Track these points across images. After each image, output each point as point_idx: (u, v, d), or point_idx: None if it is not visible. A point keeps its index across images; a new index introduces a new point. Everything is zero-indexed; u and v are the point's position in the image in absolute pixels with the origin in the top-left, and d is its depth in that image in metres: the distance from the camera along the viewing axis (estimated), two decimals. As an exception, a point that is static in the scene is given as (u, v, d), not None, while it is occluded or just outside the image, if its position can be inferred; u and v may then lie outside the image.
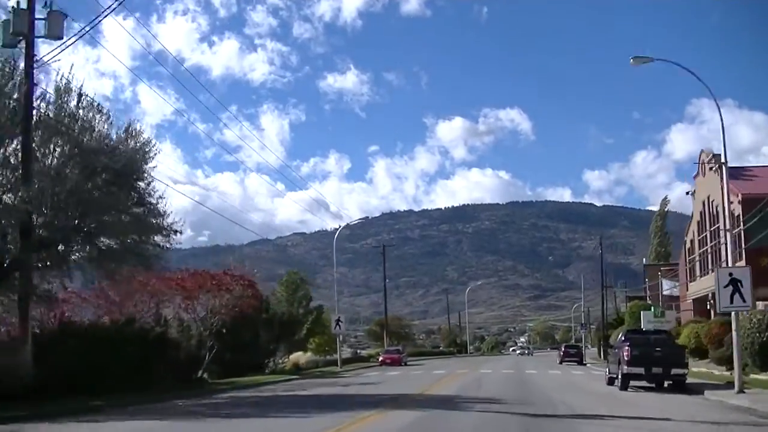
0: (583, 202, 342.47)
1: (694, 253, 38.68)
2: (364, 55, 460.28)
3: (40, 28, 18.55)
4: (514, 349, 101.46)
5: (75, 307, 26.27)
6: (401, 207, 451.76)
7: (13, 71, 18.51)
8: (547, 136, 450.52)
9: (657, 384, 21.89)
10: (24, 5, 18.37)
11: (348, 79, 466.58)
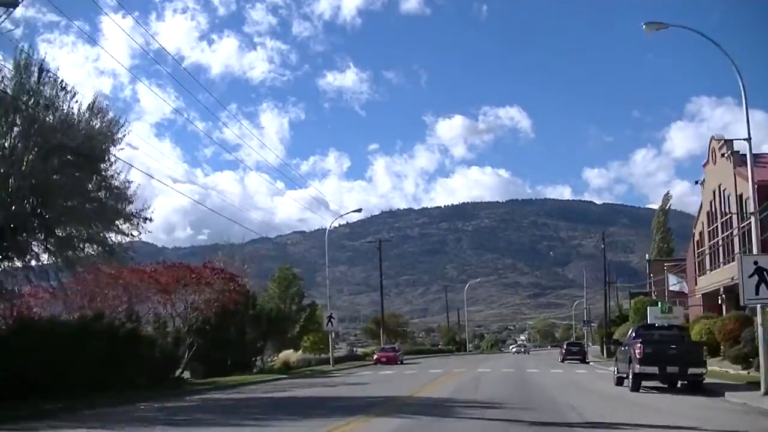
0: (582, 200, 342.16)
1: (703, 245, 36.71)
2: (364, 54, 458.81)
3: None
4: (512, 347, 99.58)
5: (44, 302, 24.53)
6: (401, 205, 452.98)
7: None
8: (547, 134, 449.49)
9: (670, 384, 20.12)
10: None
11: (347, 78, 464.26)
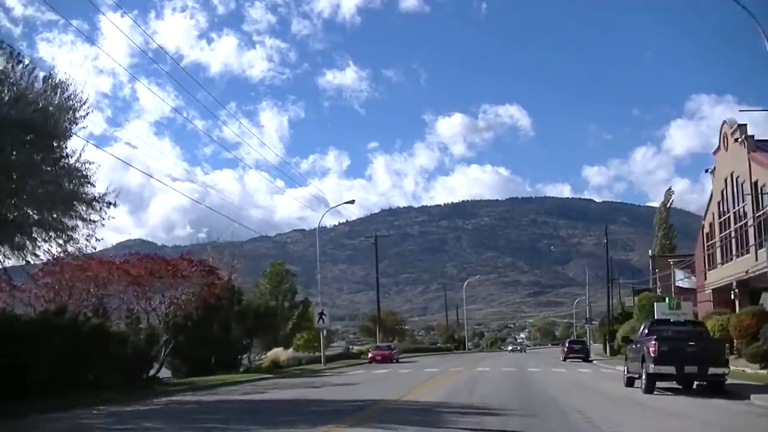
0: (582, 198, 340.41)
1: (713, 237, 34.77)
2: (363, 52, 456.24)
3: None
4: (509, 346, 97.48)
5: (9, 297, 22.73)
6: (401, 203, 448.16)
7: None
8: (547, 133, 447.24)
9: (685, 385, 18.28)
10: None
11: (347, 76, 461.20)
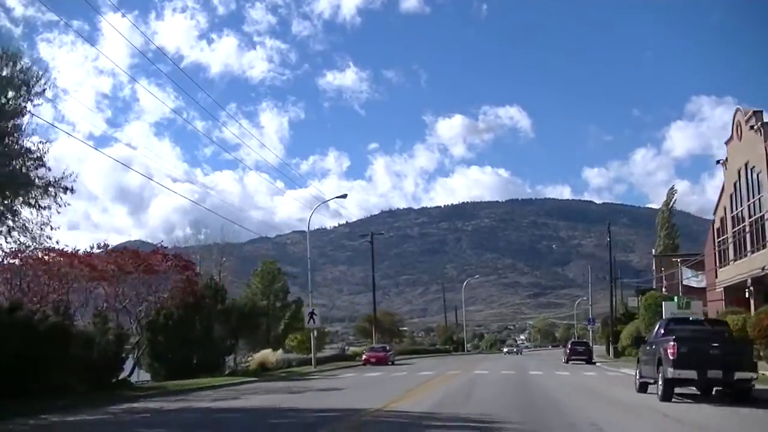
0: (582, 199, 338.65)
1: (725, 233, 32.88)
2: (364, 53, 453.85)
3: None
4: (504, 348, 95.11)
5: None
6: (401, 205, 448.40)
7: None
8: (547, 134, 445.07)
9: (704, 391, 16.38)
10: None
11: (347, 77, 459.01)
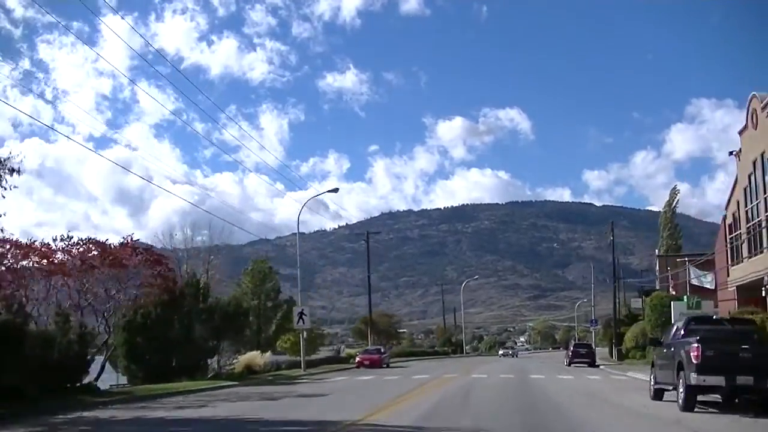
0: (582, 202, 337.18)
1: (738, 228, 31.06)
2: (364, 55, 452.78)
3: None
4: (500, 350, 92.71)
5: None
6: (401, 207, 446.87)
7: None
8: (547, 136, 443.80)
9: (728, 399, 14.43)
10: None
11: (347, 79, 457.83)
